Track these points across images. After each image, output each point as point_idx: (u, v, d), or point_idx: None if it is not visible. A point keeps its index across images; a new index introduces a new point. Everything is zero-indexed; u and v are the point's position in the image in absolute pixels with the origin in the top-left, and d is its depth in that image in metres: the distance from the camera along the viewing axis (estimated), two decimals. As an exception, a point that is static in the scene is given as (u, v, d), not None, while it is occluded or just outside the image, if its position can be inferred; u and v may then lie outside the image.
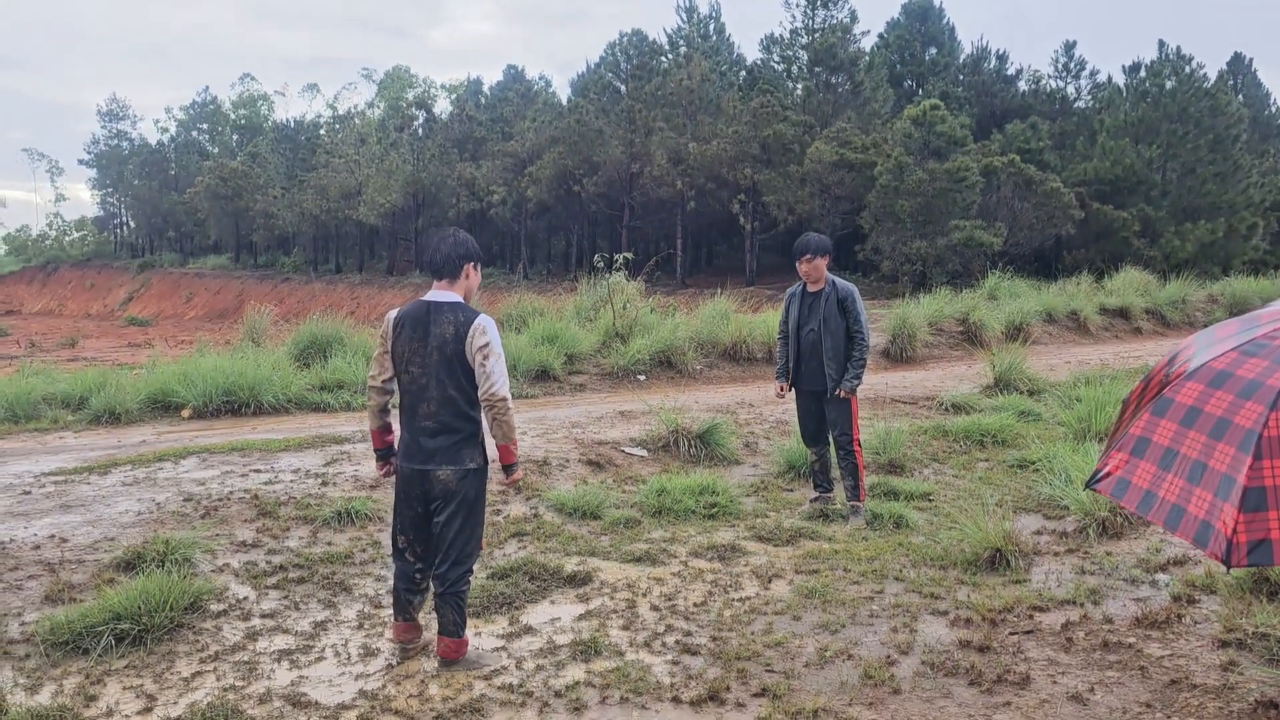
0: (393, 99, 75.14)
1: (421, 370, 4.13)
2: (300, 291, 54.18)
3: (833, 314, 6.53)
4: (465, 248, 4.23)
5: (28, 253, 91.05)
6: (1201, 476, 3.18)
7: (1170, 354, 3.80)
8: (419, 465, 4.15)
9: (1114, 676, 4.12)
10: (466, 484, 4.15)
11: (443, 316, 4.12)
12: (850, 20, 44.08)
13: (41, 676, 4.06)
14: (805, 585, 5.21)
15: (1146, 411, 3.56)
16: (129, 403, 9.62)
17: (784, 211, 36.38)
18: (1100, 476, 3.59)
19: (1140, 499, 3.38)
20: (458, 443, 4.12)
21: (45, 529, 5.66)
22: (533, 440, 8.18)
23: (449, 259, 4.20)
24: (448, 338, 4.07)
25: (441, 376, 4.08)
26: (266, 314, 14.36)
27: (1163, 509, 3.27)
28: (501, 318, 14.52)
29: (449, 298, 4.17)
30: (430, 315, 4.14)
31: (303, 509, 6.19)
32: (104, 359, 24.93)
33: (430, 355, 4.10)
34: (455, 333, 4.07)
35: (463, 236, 4.28)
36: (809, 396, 6.73)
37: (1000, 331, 16.12)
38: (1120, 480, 3.49)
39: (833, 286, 6.62)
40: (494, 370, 4.04)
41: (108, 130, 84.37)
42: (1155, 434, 3.44)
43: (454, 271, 4.20)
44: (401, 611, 4.32)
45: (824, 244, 6.66)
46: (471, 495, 4.17)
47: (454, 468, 4.12)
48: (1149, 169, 35.78)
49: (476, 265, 4.30)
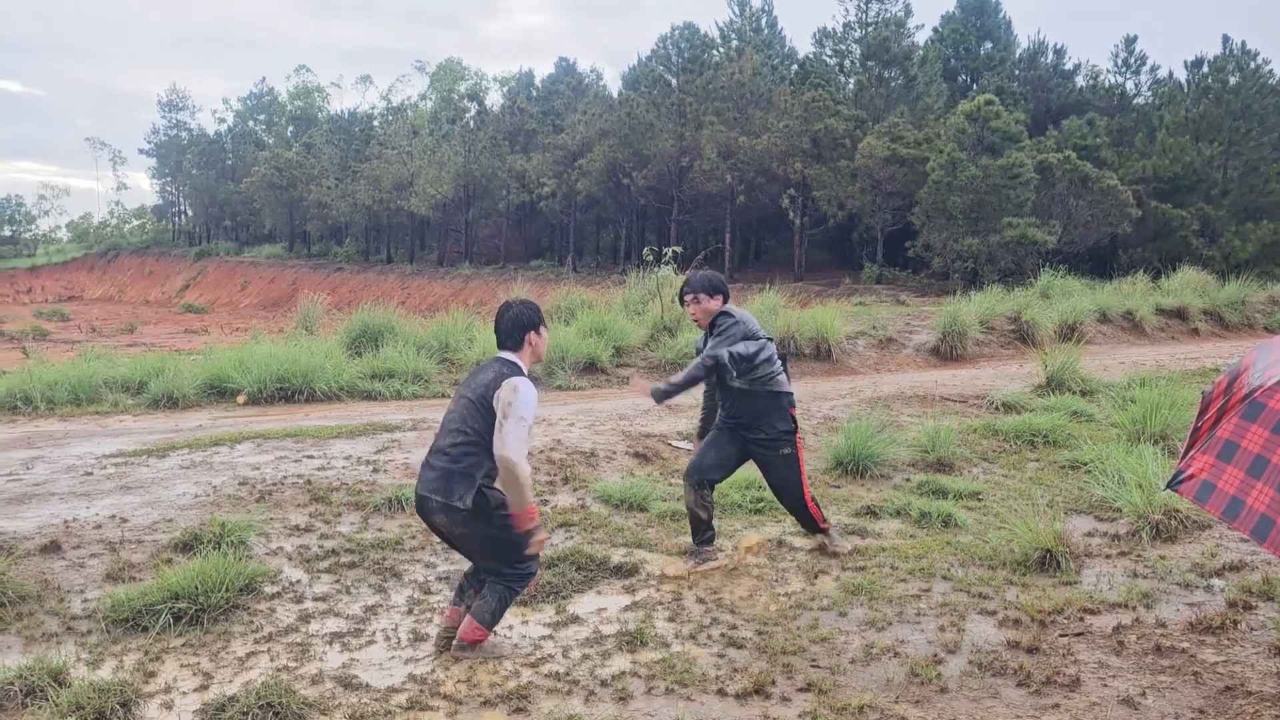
0: (445, 91, 75.67)
1: (454, 406, 4.28)
2: (352, 281, 54.87)
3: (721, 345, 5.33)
4: (523, 319, 4.32)
5: (89, 240, 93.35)
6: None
7: (1260, 351, 3.65)
8: (419, 490, 4.24)
9: (1166, 681, 4.06)
10: (464, 523, 4.13)
11: (493, 365, 4.27)
12: (904, 14, 43.54)
13: (103, 652, 4.18)
14: (852, 582, 5.19)
15: (1235, 414, 3.44)
16: (186, 388, 9.85)
17: (834, 207, 36.11)
18: (1183, 478, 3.48)
19: (1226, 505, 3.26)
20: (448, 480, 4.12)
21: (106, 509, 5.82)
22: (580, 432, 8.23)
23: (510, 333, 4.32)
24: (488, 381, 4.17)
25: (464, 414, 4.17)
26: (319, 303, 14.60)
27: (1250, 518, 3.16)
28: (550, 309, 14.62)
29: (511, 357, 4.30)
30: (488, 364, 4.34)
31: (354, 495, 6.29)
32: (162, 345, 25.48)
33: (465, 393, 4.25)
34: (492, 379, 4.16)
35: (521, 308, 4.36)
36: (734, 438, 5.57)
37: (1053, 330, 15.88)
38: (1205, 484, 3.37)
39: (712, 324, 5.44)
40: (509, 432, 4.00)
41: (167, 120, 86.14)
42: (1245, 439, 3.31)
43: (516, 343, 4.32)
44: (459, 593, 4.41)
45: (710, 282, 5.45)
46: (478, 531, 4.16)
47: (443, 504, 4.12)
48: (1210, 167, 34.95)
49: (540, 330, 4.36)
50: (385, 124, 72.42)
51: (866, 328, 14.90)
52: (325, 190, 61.33)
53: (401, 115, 74.33)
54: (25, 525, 5.44)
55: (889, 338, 14.75)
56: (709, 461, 5.52)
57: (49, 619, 4.46)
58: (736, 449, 5.56)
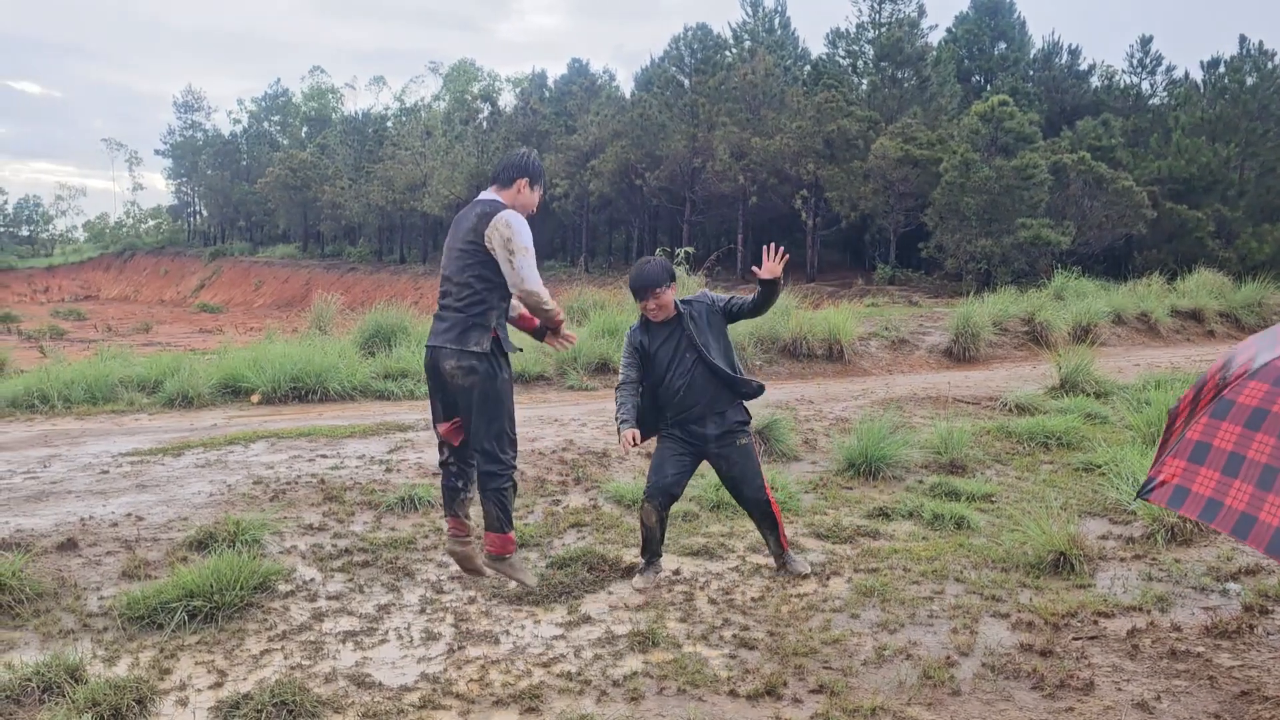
0: (458, 92, 75.88)
1: (448, 258, 4.26)
2: (366, 281, 55.05)
3: (706, 332, 5.15)
4: (524, 162, 4.36)
5: (105, 240, 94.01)
6: (1274, 482, 3.04)
7: (1225, 358, 3.62)
8: (430, 343, 4.28)
9: (1182, 686, 4.04)
10: (473, 371, 4.14)
11: (475, 208, 4.25)
12: (918, 14, 43.40)
13: (118, 649, 4.21)
14: (864, 583, 5.18)
15: (1205, 415, 3.39)
16: (201, 387, 9.90)
17: (846, 207, 36.03)
18: (1153, 486, 3.42)
19: (1203, 507, 3.21)
20: (463, 327, 4.14)
21: (122, 507, 5.86)
22: (592, 432, 8.24)
23: (506, 167, 4.35)
24: (473, 225, 4.16)
25: (460, 261, 4.16)
26: (333, 303, 14.66)
27: (1230, 517, 3.12)
28: (563, 309, 14.62)
29: (491, 197, 4.27)
30: (468, 210, 4.30)
31: (367, 494, 6.32)
32: (177, 344, 25.62)
33: (456, 242, 4.23)
34: (478, 222, 4.14)
35: (529, 154, 4.42)
36: (689, 447, 5.26)
37: (1067, 332, 15.81)
38: (1178, 489, 3.31)
39: (688, 307, 5.20)
40: (522, 266, 4.01)
41: (183, 121, 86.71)
42: (1216, 438, 3.26)
43: (506, 181, 4.32)
44: (446, 506, 4.51)
45: (666, 270, 5.19)
46: (482, 383, 4.16)
47: (457, 349, 4.13)
48: (1226, 167, 34.73)
49: (534, 185, 4.36)
50: (399, 125, 72.63)
51: (879, 329, 14.87)
52: (339, 191, 61.56)
53: (415, 116, 74.54)
54: (42, 523, 5.49)
55: (902, 339, 14.71)
56: (670, 477, 5.19)
57: (66, 616, 4.49)
58: (690, 456, 5.26)
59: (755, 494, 5.28)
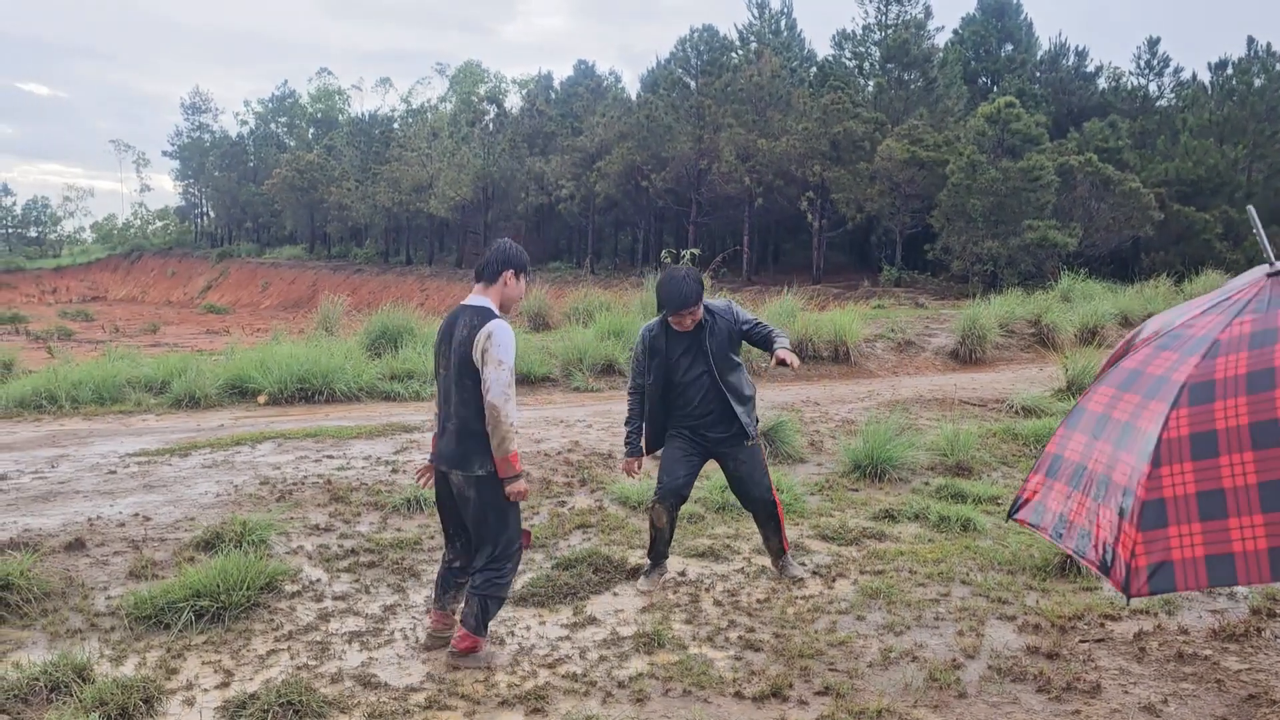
0: (464, 93, 75.94)
1: (444, 374, 4.21)
2: (372, 282, 55.13)
3: (723, 347, 5.15)
4: (508, 255, 4.24)
5: (113, 241, 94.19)
6: (1105, 492, 2.84)
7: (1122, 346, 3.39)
8: (439, 467, 4.25)
9: (1189, 689, 4.03)
10: (478, 490, 4.13)
11: (464, 316, 4.16)
12: (924, 16, 43.35)
13: (126, 649, 4.22)
14: (870, 585, 5.18)
15: (1062, 424, 3.26)
16: (208, 388, 9.92)
17: (853, 209, 36.00)
18: (1020, 504, 3.27)
19: (1054, 523, 3.05)
20: (468, 449, 4.11)
21: (130, 508, 5.87)
22: (598, 434, 8.24)
23: (490, 263, 4.22)
24: (463, 339, 4.10)
25: (458, 380, 4.11)
26: (339, 304, 14.70)
27: (1072, 534, 2.95)
28: (568, 311, 14.65)
29: (480, 302, 4.19)
30: (457, 316, 4.21)
31: (373, 495, 6.33)
32: (184, 345, 25.68)
33: (451, 357, 4.15)
34: (467, 334, 4.09)
35: (511, 246, 4.30)
36: (698, 449, 5.27)
37: (1073, 334, 15.78)
38: (1037, 505, 3.16)
39: (711, 316, 5.18)
40: (492, 378, 3.97)
41: (190, 122, 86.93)
42: (1067, 449, 3.11)
43: (491, 276, 4.21)
44: (437, 600, 4.41)
45: (701, 284, 5.18)
46: (487, 501, 4.14)
47: (463, 473, 4.12)
48: (1234, 169, 34.64)
49: (519, 275, 4.27)
50: (405, 126, 72.71)
51: (885, 330, 14.85)
52: (345, 192, 61.66)
53: (421, 117, 74.62)
54: (50, 523, 5.50)
55: (908, 340, 14.70)
56: (681, 479, 5.21)
57: (73, 616, 4.50)
58: (699, 456, 5.27)
59: (762, 494, 5.27)
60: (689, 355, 5.15)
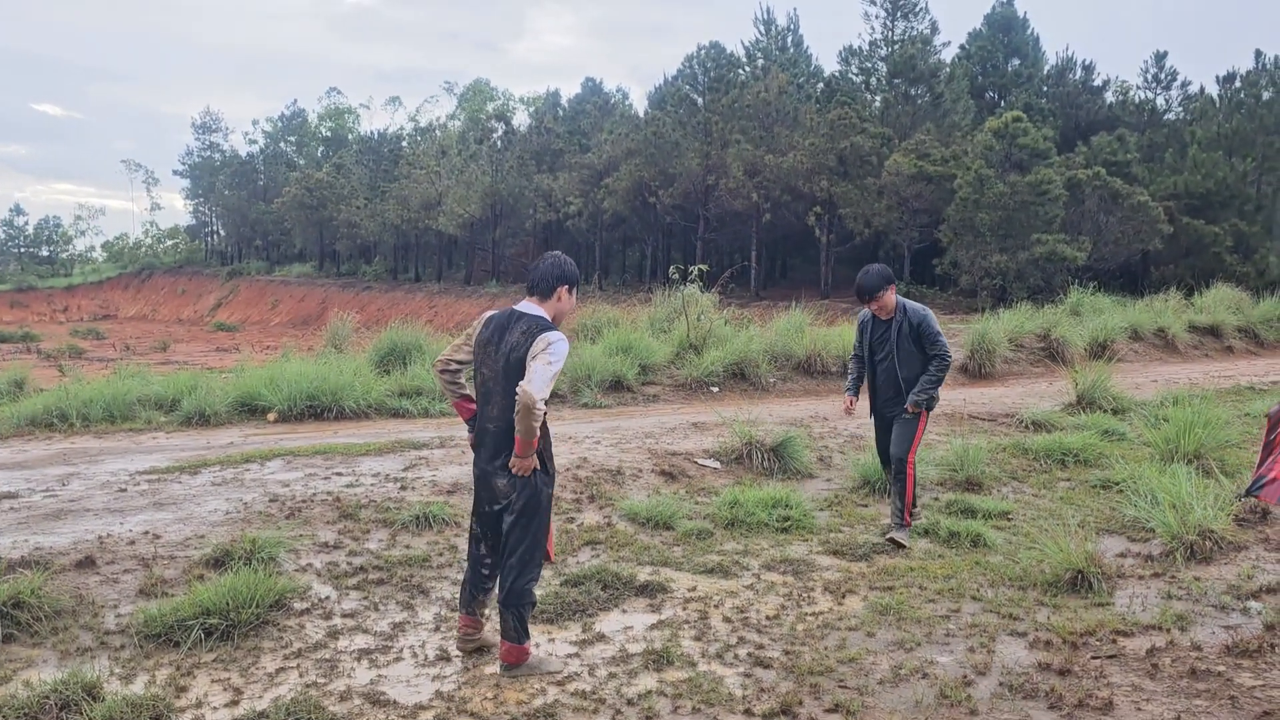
0: (473, 111, 76.39)
1: (490, 374, 4.22)
2: (381, 299, 55.32)
3: (905, 344, 6.27)
4: (562, 270, 4.29)
5: (124, 259, 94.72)
6: None
7: None
8: (483, 465, 4.28)
9: (1202, 705, 4.00)
10: (523, 492, 4.18)
11: (520, 324, 4.19)
12: (931, 31, 43.58)
13: (135, 667, 4.23)
14: (880, 601, 5.15)
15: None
16: (218, 405, 9.96)
17: (860, 224, 36.04)
18: (1264, 483, 3.39)
19: None
20: (509, 448, 4.15)
21: (140, 525, 5.89)
22: (606, 450, 8.24)
23: (545, 277, 4.27)
24: (516, 344, 4.13)
25: (506, 383, 4.13)
26: (348, 321, 14.74)
27: None
28: (576, 328, 14.66)
29: (534, 310, 4.24)
30: (510, 322, 4.24)
31: (383, 512, 6.33)
32: (194, 363, 25.78)
33: (499, 360, 4.18)
34: (522, 340, 4.12)
35: (564, 259, 4.34)
36: (886, 423, 6.52)
37: (1083, 348, 15.73)
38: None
39: (904, 314, 6.31)
40: (536, 371, 3.99)
41: (201, 142, 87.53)
42: None
43: (546, 291, 4.27)
44: (465, 604, 4.43)
45: (883, 277, 6.32)
46: (530, 502, 4.19)
47: (508, 475, 4.18)
48: (1243, 182, 34.59)
49: (572, 290, 4.33)
50: (414, 144, 73.14)
51: (894, 346, 14.80)
52: (355, 210, 61.98)
53: (430, 136, 75.06)
54: (61, 541, 5.52)
55: (917, 356, 14.65)
56: (885, 445, 6.53)
57: (83, 633, 4.51)
58: (884, 432, 6.55)
59: (898, 453, 6.28)
60: (882, 341, 6.38)
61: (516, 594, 4.19)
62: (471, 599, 4.42)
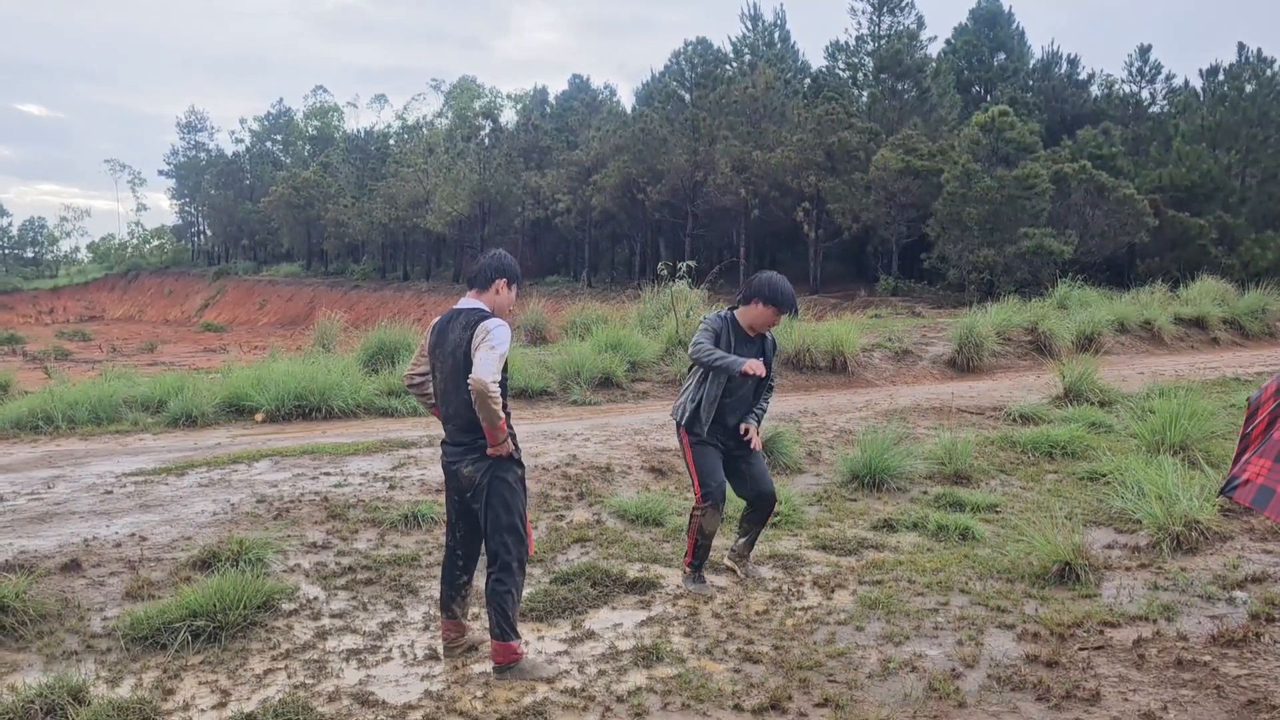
0: (460, 109, 76.16)
1: (442, 375, 4.28)
2: (369, 298, 55.15)
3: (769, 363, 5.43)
4: (500, 264, 4.35)
5: (110, 260, 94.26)
6: None
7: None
8: (448, 461, 4.32)
9: (1188, 695, 4.02)
10: (489, 476, 4.20)
11: (459, 320, 4.25)
12: (917, 26, 43.61)
13: (122, 670, 4.21)
14: (868, 596, 5.17)
15: None
16: (205, 406, 9.91)
17: (848, 219, 36.06)
18: (1238, 483, 3.39)
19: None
20: (477, 442, 4.19)
21: (126, 528, 5.86)
22: (596, 447, 8.24)
23: (482, 270, 4.34)
24: (458, 340, 4.19)
25: (457, 379, 4.17)
26: (336, 321, 14.71)
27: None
28: (565, 325, 14.66)
29: (472, 304, 4.29)
30: (450, 321, 4.30)
31: (371, 512, 6.31)
32: (181, 364, 25.67)
33: (448, 360, 4.23)
34: (463, 334, 4.17)
35: (503, 255, 4.42)
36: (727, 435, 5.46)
37: (1070, 341, 15.78)
38: (1263, 488, 3.28)
39: (771, 335, 5.59)
40: (481, 359, 4.03)
41: (186, 141, 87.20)
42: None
43: (484, 283, 4.32)
44: (443, 606, 4.44)
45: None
46: (496, 488, 4.21)
47: (470, 459, 4.21)
48: (1227, 175, 34.72)
49: (511, 284, 4.37)
50: (401, 142, 72.92)
51: (882, 340, 14.86)
52: (342, 209, 61.74)
53: (417, 134, 74.85)
54: (46, 544, 5.49)
55: (905, 350, 14.70)
56: (722, 480, 5.37)
57: (69, 637, 4.49)
58: (722, 458, 5.44)
59: (770, 485, 5.50)
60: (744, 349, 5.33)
61: (496, 594, 4.19)
62: (450, 599, 4.43)
